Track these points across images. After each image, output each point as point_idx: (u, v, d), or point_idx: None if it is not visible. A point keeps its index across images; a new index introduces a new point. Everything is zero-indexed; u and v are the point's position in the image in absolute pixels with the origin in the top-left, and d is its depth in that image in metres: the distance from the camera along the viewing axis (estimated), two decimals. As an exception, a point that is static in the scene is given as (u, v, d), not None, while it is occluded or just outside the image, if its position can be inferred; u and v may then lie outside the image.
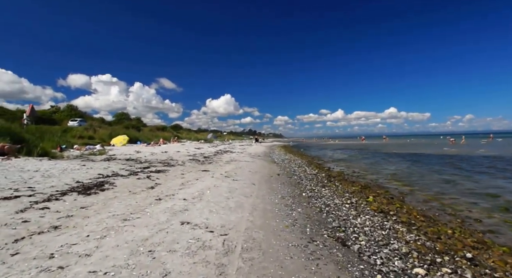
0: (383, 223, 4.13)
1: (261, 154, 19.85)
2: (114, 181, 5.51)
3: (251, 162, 11.91)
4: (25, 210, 3.16)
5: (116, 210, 3.43)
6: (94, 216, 3.15)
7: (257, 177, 7.81)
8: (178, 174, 7.04)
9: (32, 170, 5.78)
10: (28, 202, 3.52)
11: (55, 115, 42.72)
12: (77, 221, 2.92)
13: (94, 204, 3.68)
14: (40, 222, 2.84)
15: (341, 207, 5.08)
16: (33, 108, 24.97)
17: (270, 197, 5.18)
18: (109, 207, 3.57)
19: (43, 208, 3.28)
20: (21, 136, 9.44)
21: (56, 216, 3.06)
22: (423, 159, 16.34)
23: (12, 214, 3.01)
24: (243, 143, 43.31)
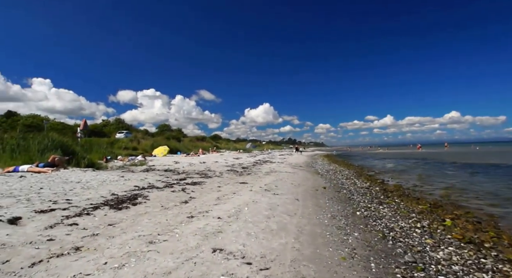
0: (480, 261, 3.25)
1: (302, 164, 19.10)
2: (148, 193, 5.39)
3: (292, 174, 11.31)
4: (55, 226, 3.03)
5: (143, 230, 3.16)
6: (120, 236, 2.90)
7: (301, 190, 7.22)
8: (215, 187, 6.76)
9: (74, 181, 5.94)
10: (60, 216, 3.42)
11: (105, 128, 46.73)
12: (100, 242, 2.67)
13: (123, 221, 3.47)
14: (64, 241, 2.65)
15: (409, 232, 4.27)
16: (85, 123, 27.40)
17: (318, 217, 4.58)
18: (137, 225, 3.32)
19: (71, 224, 3.13)
20: (71, 149, 10.08)
21: (81, 234, 2.87)
22: (507, 171, 14.10)
23: (41, 230, 2.89)
24: (283, 153, 42.60)
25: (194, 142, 45.11)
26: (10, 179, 5.41)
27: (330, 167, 18.49)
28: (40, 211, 3.51)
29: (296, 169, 13.92)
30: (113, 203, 4.35)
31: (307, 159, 28.18)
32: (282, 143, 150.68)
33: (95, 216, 3.58)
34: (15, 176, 5.71)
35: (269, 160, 20.94)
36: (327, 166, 19.28)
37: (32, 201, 4.04)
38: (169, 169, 11.21)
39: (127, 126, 50.55)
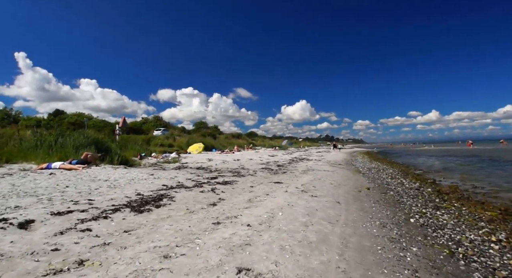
0: None
1: (342, 162, 18.09)
2: (175, 194, 5.12)
3: (331, 172, 10.56)
4: (66, 232, 2.79)
5: (161, 239, 2.80)
6: (133, 247, 2.56)
7: (342, 192, 6.54)
8: (247, 187, 6.34)
9: (102, 180, 5.89)
10: (76, 219, 3.21)
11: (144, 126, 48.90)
12: (109, 255, 2.35)
13: (141, 227, 3.16)
14: (70, 252, 2.36)
15: (484, 248, 3.45)
16: (124, 120, 28.73)
17: (364, 225, 3.93)
18: (155, 233, 2.98)
19: (84, 230, 2.87)
20: (106, 145, 10.35)
21: (91, 243, 2.58)
22: None
23: (49, 237, 2.65)
24: (320, 150, 41.25)
25: (229, 139, 45.47)
26: (40, 176, 5.48)
27: (372, 165, 17.32)
28: (56, 213, 3.33)
29: (335, 167, 13.09)
30: (135, 205, 4.10)
31: (346, 156, 26.88)
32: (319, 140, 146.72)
33: (112, 220, 3.32)
34: (45, 173, 5.80)
35: (305, 157, 20.19)
36: (368, 164, 18.09)
37: (53, 201, 3.92)
38: (201, 166, 11.08)
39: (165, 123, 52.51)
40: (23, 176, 5.27)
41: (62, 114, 37.73)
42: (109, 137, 13.14)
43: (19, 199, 3.86)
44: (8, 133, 10.02)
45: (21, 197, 3.95)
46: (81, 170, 6.73)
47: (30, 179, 5.07)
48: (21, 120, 30.46)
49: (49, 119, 34.92)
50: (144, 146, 16.66)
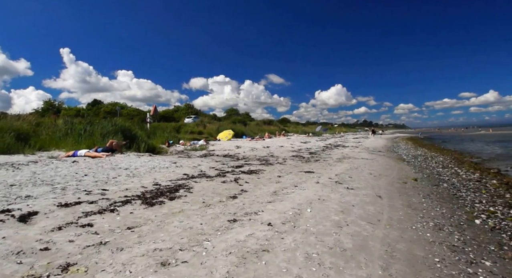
0: None
1: (382, 148, 16.91)
2: (194, 184, 4.83)
3: (370, 160, 9.73)
4: (65, 227, 2.57)
5: (165, 239, 2.47)
6: (131, 248, 2.25)
7: (383, 183, 5.84)
8: (273, 177, 5.90)
9: (123, 168, 5.79)
10: (81, 212, 3.00)
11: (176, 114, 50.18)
12: (100, 258, 2.05)
13: (148, 223, 2.86)
14: (59, 252, 2.11)
15: None
16: (156, 108, 29.49)
17: (414, 226, 3.31)
18: (161, 231, 2.66)
19: (85, 226, 2.63)
20: (133, 133, 10.45)
21: (87, 241, 2.32)
22: None
23: (45, 232, 2.44)
24: (357, 136, 39.36)
25: (260, 125, 45.14)
26: (63, 164, 5.50)
27: (417, 152, 15.97)
28: (64, 205, 3.15)
29: (375, 155, 12.15)
30: (148, 196, 3.85)
31: (387, 142, 25.28)
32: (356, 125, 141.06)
33: (119, 214, 3.06)
34: (69, 161, 5.84)
35: (341, 144, 19.21)
36: (413, 151, 16.72)
37: (66, 191, 3.79)
38: (228, 154, 10.83)
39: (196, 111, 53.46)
40: (47, 164, 5.31)
41: (99, 104, 39.81)
42: (137, 125, 13.33)
43: (34, 188, 3.79)
44: (47, 122, 10.46)
45: (36, 186, 3.88)
46: (105, 157, 6.73)
47: (52, 167, 5.08)
48: (63, 110, 32.58)
49: (87, 109, 37.05)
50: (173, 133, 16.85)
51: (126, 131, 10.18)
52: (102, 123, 9.87)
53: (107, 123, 9.86)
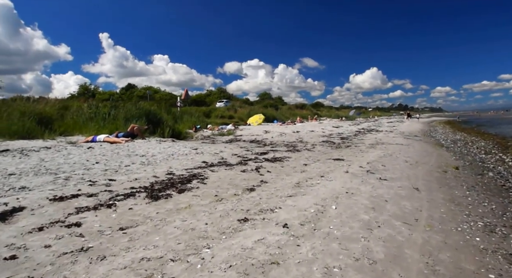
0: None
1: (418, 133, 15.79)
2: (211, 173, 4.47)
3: (406, 146, 8.88)
4: (48, 227, 2.31)
5: (159, 244, 2.11)
6: (114, 257, 1.91)
7: (421, 173, 5.14)
8: (299, 166, 5.38)
9: (139, 155, 5.59)
10: (74, 207, 2.75)
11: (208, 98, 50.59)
12: (72, 271, 1.74)
13: (146, 222, 2.52)
14: (28, 262, 1.82)
15: None
16: (187, 92, 29.82)
17: (459, 227, 2.70)
18: (157, 233, 2.30)
19: (71, 225, 2.35)
20: (158, 117, 10.36)
21: (66, 247, 2.02)
22: None
23: (22, 234, 2.18)
24: (391, 120, 37.02)
25: (292, 110, 44.11)
26: (77, 150, 5.40)
27: (456, 136, 14.76)
28: (58, 198, 2.90)
29: (410, 140, 11.14)
30: (157, 188, 3.54)
31: (423, 126, 23.62)
32: (391, 109, 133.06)
33: (116, 210, 2.75)
34: (84, 147, 5.76)
35: (374, 128, 18.03)
36: (451, 135, 15.42)
37: (69, 181, 3.59)
38: (255, 139, 10.42)
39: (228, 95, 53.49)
40: (59, 150, 5.24)
41: (133, 88, 41.13)
42: (164, 109, 13.30)
43: (34, 178, 3.63)
44: (75, 106, 10.67)
45: (38, 176, 3.73)
46: (123, 143, 6.60)
47: (64, 154, 4.99)
48: (97, 94, 34.07)
49: (121, 93, 38.45)
50: (201, 118, 16.74)
51: (151, 115, 10.11)
52: (126, 107, 9.85)
53: (131, 107, 9.82)
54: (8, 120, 6.98)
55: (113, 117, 8.99)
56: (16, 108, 7.59)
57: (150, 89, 39.77)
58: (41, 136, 6.92)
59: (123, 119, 8.95)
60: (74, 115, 9.03)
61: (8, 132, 6.65)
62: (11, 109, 7.48)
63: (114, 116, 9.05)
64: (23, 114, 7.43)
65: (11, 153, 4.67)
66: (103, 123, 8.55)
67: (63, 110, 9.51)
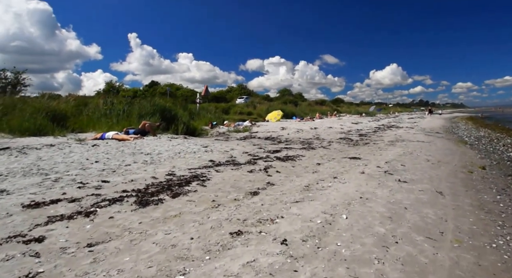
0: None
1: (439, 129, 14.80)
2: (215, 174, 4.07)
3: (427, 143, 8.13)
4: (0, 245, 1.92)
5: (125, 267, 1.70)
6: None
7: (444, 173, 4.50)
8: (311, 165, 4.86)
9: (144, 153, 5.26)
10: (46, 216, 2.39)
11: (228, 94, 50.42)
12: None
13: (123, 235, 2.13)
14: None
15: None
16: (207, 89, 29.49)
17: (493, 243, 2.12)
18: (129, 251, 1.89)
19: (31, 241, 1.98)
20: (173, 113, 10.07)
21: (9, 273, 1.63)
22: None
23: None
24: (412, 116, 35.15)
25: (312, 106, 42.99)
26: (80, 148, 5.14)
27: (480, 133, 13.68)
28: (33, 205, 2.57)
29: (432, 137, 10.27)
30: (151, 191, 3.15)
31: (445, 122, 22.19)
32: (412, 105, 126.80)
33: (94, 219, 2.38)
34: (90, 144, 5.49)
35: (394, 124, 17.03)
36: (474, 131, 14.29)
37: (57, 183, 3.28)
38: (271, 136, 9.91)
39: (249, 91, 53.07)
40: (61, 148, 5.00)
41: (156, 85, 41.61)
42: (180, 105, 13.03)
43: (20, 179, 3.35)
44: (95, 102, 10.57)
45: (26, 176, 3.45)
46: (132, 140, 6.31)
47: (65, 152, 4.73)
48: (122, 91, 34.70)
49: (144, 90, 39.00)
50: (218, 114, 16.40)
51: (166, 111, 9.82)
52: (141, 103, 9.62)
53: (146, 103, 9.58)
54: (21, 117, 6.88)
55: (127, 114, 8.78)
56: (30, 105, 7.52)
57: (172, 86, 40.04)
58: (52, 133, 6.77)
59: (137, 115, 8.72)
60: (89, 112, 8.91)
61: (19, 129, 6.55)
62: (25, 106, 7.40)
63: (128, 112, 8.84)
64: (37, 110, 7.34)
65: (9, 151, 4.45)
66: (117, 119, 8.34)
67: (83, 106, 9.41)
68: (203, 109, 16.35)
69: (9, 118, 6.78)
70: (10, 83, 18.87)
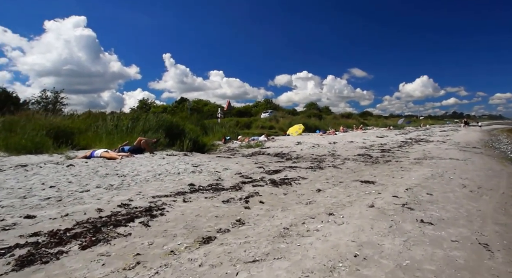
0: None
1: (477, 144, 12.64)
2: (180, 205, 3.15)
3: (462, 162, 6.52)
4: None
5: None
6: None
7: (488, 208, 3.18)
8: (309, 192, 3.79)
9: (119, 175, 4.50)
10: None
11: (254, 109, 50.02)
12: None
13: None
14: None
15: None
16: (229, 103, 29.33)
17: None
18: None
19: None
20: (180, 128, 9.44)
21: None
22: None
23: None
24: (445, 128, 31.68)
25: (338, 119, 41.09)
26: (51, 169, 4.50)
27: None
28: None
29: (468, 153, 8.50)
30: (67, 236, 2.29)
31: (482, 135, 19.37)
32: (444, 117, 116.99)
33: None
34: (64, 165, 4.85)
35: (424, 138, 15.06)
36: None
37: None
38: (281, 152, 8.85)
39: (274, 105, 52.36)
40: (28, 169, 4.40)
41: (185, 101, 42.28)
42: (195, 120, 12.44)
43: None
44: (103, 118, 10.16)
45: None
46: (119, 159, 5.62)
47: (27, 175, 4.09)
48: (152, 107, 35.48)
49: (173, 106, 39.67)
50: (232, 128, 15.62)
51: (173, 127, 9.21)
52: (147, 118, 9.07)
53: (153, 119, 9.02)
54: (21, 134, 6.52)
55: (130, 130, 8.24)
56: (33, 122, 7.19)
57: (199, 102, 40.47)
58: (47, 151, 6.30)
59: (141, 131, 8.14)
60: (97, 128, 8.49)
61: (16, 147, 6.14)
62: (27, 123, 7.08)
63: (131, 128, 8.30)
64: (39, 128, 6.98)
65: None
66: (121, 135, 7.81)
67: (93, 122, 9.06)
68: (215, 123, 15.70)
69: (6, 136, 6.44)
70: (50, 102, 19.71)
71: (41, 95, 18.73)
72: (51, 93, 19.49)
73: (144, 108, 34.10)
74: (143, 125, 8.39)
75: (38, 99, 18.70)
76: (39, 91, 19.39)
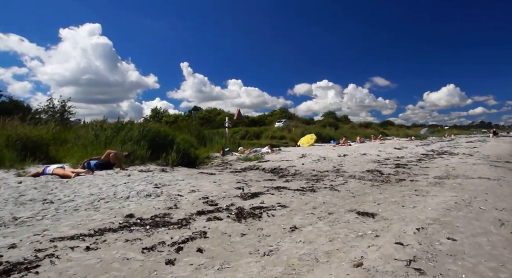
0: None
1: (510, 157, 10.78)
2: (76, 256, 2.11)
3: (494, 182, 5.14)
4: None
5: None
6: None
7: None
8: (280, 231, 2.66)
9: (48, 201, 3.58)
10: None
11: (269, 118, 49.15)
12: None
13: None
14: None
15: None
16: (239, 112, 28.38)
17: None
18: None
19: None
20: (168, 139, 8.55)
21: None
22: None
23: None
24: (471, 139, 28.90)
25: (355, 129, 39.24)
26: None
27: None
28: None
29: (500, 169, 7.02)
30: None
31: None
32: (471, 127, 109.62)
33: None
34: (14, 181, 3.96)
35: (448, 150, 13.26)
36: None
37: None
38: (279, 167, 7.74)
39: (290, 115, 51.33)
40: None
41: (197, 110, 42.12)
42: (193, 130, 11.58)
43: None
44: (83, 129, 9.41)
45: None
46: (73, 177, 4.74)
47: None
48: (164, 117, 35.39)
49: (185, 115, 39.49)
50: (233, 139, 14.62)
51: (159, 137, 8.33)
52: (131, 128, 8.23)
53: (137, 128, 8.19)
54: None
55: (109, 141, 7.43)
56: (0, 133, 6.54)
57: (212, 112, 40.08)
58: (4, 166, 5.55)
59: (120, 142, 7.31)
60: (76, 139, 7.77)
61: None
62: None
63: (110, 139, 7.49)
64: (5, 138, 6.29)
65: None
66: (96, 147, 7.00)
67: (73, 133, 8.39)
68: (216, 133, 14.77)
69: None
70: (57, 112, 19.65)
71: (48, 104, 18.66)
72: (58, 102, 19.41)
73: (156, 117, 34.03)
74: (124, 135, 7.55)
75: (45, 108, 18.63)
76: (57, 100, 19.09)
